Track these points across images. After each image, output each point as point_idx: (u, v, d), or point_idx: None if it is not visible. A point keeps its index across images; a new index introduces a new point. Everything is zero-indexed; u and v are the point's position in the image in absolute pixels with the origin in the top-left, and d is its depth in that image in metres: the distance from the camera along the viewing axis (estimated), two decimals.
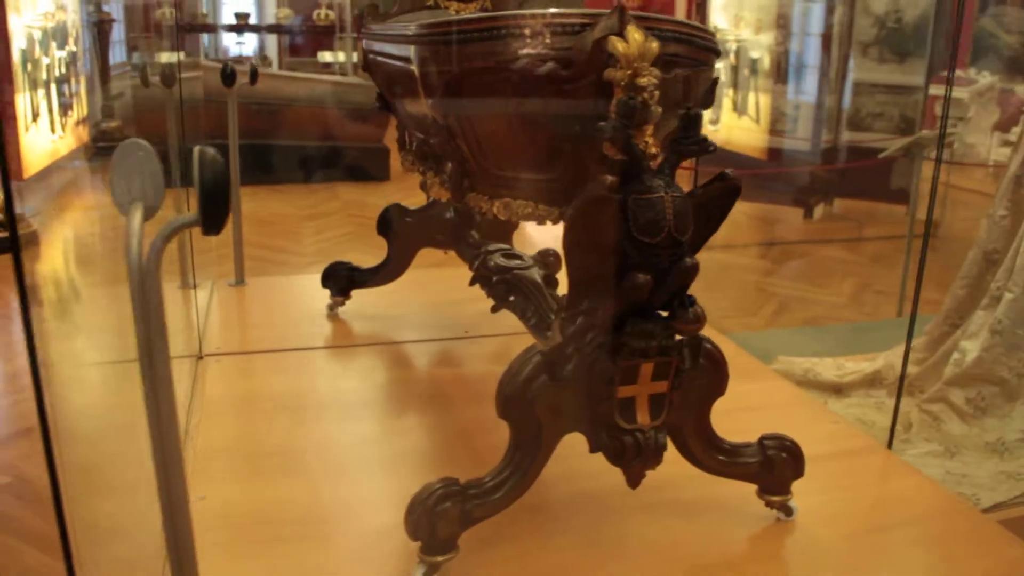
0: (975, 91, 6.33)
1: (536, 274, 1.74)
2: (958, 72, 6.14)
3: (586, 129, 1.23)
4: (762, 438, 1.42)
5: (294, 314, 2.38)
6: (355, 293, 2.33)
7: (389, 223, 2.27)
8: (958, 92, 6.14)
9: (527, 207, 1.37)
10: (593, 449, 1.29)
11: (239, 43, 8.68)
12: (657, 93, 1.15)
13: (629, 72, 1.16)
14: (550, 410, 1.26)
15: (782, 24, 5.66)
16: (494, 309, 1.76)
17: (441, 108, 1.32)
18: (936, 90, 4.83)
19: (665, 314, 1.21)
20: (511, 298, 1.72)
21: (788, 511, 1.44)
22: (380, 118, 5.52)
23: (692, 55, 1.31)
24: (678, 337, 1.23)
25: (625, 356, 1.20)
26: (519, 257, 1.84)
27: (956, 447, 2.14)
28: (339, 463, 1.63)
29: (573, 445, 1.29)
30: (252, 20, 8.97)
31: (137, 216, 0.76)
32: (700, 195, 1.20)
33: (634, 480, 1.28)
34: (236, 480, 1.55)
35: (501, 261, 1.81)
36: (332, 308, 2.35)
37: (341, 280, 2.32)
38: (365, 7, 1.92)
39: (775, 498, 1.44)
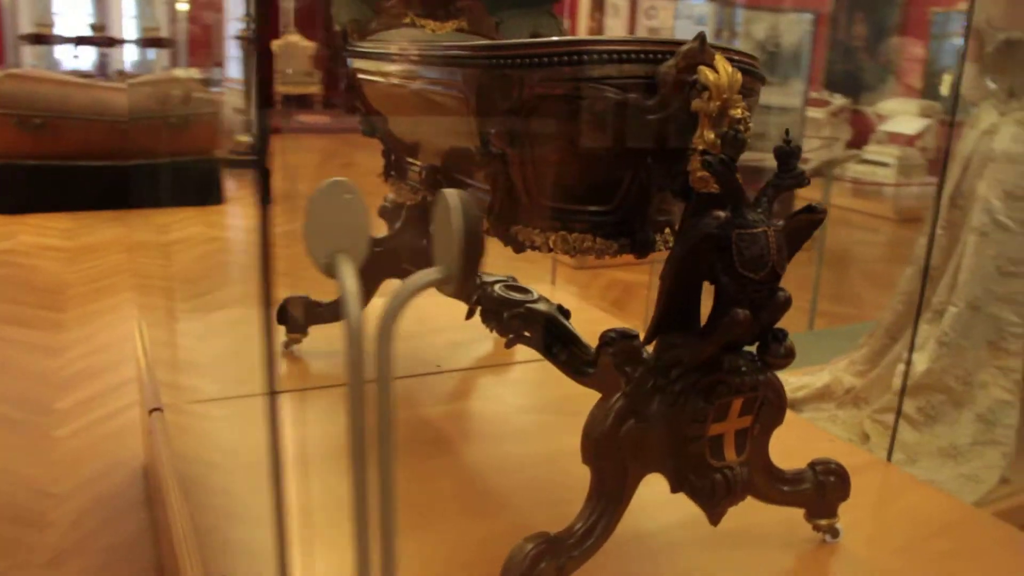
0: (829, 111, 6.88)
1: (547, 306, 1.70)
2: (813, 94, 6.64)
3: (662, 160, 1.22)
4: (812, 464, 1.46)
5: (244, 355, 2.21)
6: (313, 329, 2.20)
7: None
8: (814, 112, 6.64)
9: (585, 240, 1.33)
10: (676, 489, 1.27)
11: (75, 56, 8.04)
12: (751, 125, 1.16)
13: (718, 103, 1.16)
14: (635, 453, 1.23)
15: None
16: (508, 344, 1.70)
17: (503, 136, 1.27)
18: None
19: (752, 349, 1.22)
20: (526, 333, 1.68)
21: (835, 533, 1.48)
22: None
23: (749, 84, 1.33)
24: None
25: (721, 394, 1.19)
26: (520, 287, 1.80)
27: (914, 454, 2.28)
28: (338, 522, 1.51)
29: None
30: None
31: (349, 272, 0.67)
32: (786, 226, 1.22)
33: (717, 517, 1.28)
34: None
35: (505, 294, 1.76)
36: (288, 346, 2.20)
37: (298, 316, 2.18)
38: (347, 23, 1.82)
39: (823, 521, 1.47)
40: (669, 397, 1.22)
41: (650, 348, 1.46)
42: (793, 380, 2.76)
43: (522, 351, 2.22)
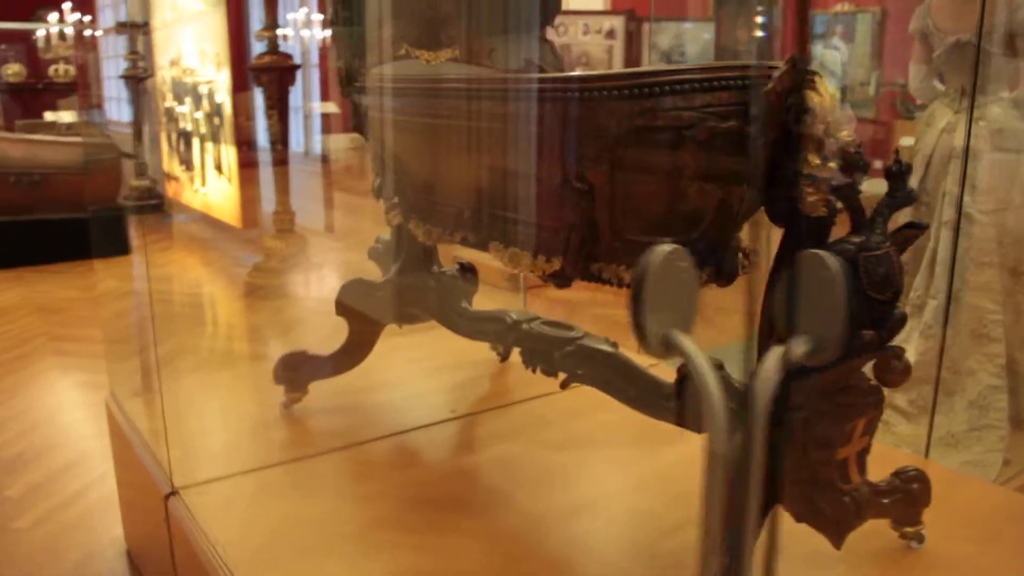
0: None
1: (598, 341, 1.66)
2: None
3: (758, 186, 1.21)
4: (895, 473, 1.47)
5: (245, 422, 2.06)
6: (313, 385, 2.08)
7: (353, 303, 2.05)
8: None
9: None
10: (801, 519, 1.26)
11: None
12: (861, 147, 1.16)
13: (824, 126, 1.16)
14: (766, 487, 1.21)
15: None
16: (564, 384, 1.65)
17: (601, 170, 1.23)
18: None
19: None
20: (579, 372, 1.63)
21: (921, 539, 1.50)
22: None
23: None
24: None
25: (850, 416, 1.19)
26: (559, 323, 1.75)
27: (917, 446, 2.37)
28: None
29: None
30: None
31: (693, 347, 0.63)
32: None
33: (841, 541, 1.27)
34: None
35: (549, 331, 1.70)
36: (287, 406, 2.07)
37: (297, 373, 2.06)
38: (350, 59, 1.73)
39: (910, 529, 1.49)
40: (795, 425, 1.20)
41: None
42: None
43: (524, 384, 2.18)
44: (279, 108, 3.99)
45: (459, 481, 1.79)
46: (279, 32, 3.91)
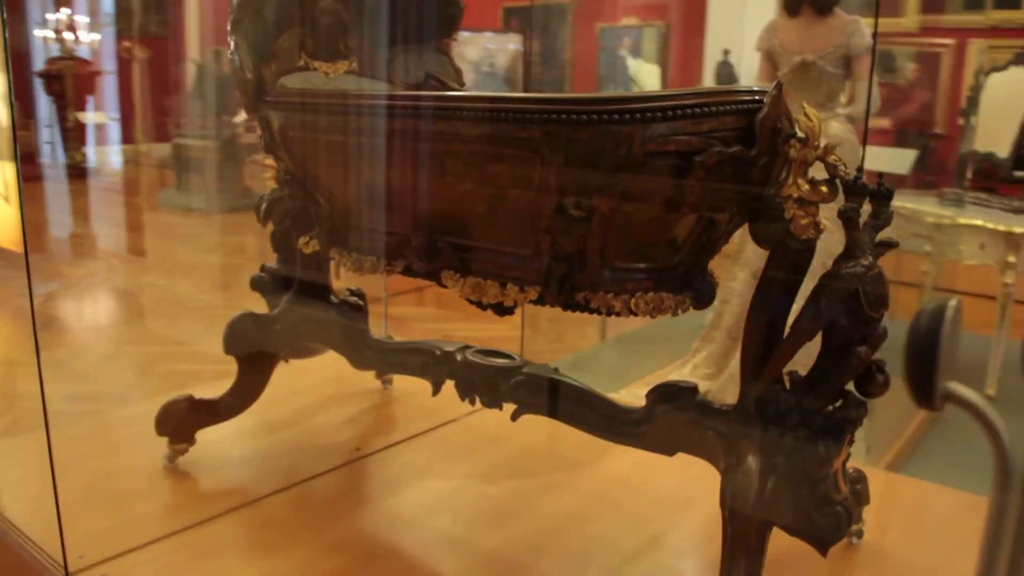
0: None
1: (543, 368, 1.63)
2: None
3: (746, 209, 1.25)
4: None
5: (120, 481, 1.81)
6: (200, 434, 1.88)
7: (245, 340, 1.88)
8: None
9: (662, 299, 1.31)
10: (795, 533, 1.30)
11: None
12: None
13: (815, 151, 1.21)
14: (773, 508, 1.24)
15: None
16: (515, 416, 1.60)
17: (603, 198, 1.20)
18: None
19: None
20: (531, 402, 1.59)
21: (860, 535, 1.62)
22: None
23: None
24: None
25: (848, 431, 1.25)
26: (492, 351, 1.70)
27: None
28: None
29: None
30: None
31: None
32: None
33: (828, 549, 1.33)
34: None
35: (486, 360, 1.65)
36: (172, 460, 1.85)
37: (182, 422, 1.85)
38: (259, 70, 1.58)
39: (853, 527, 1.60)
40: (796, 444, 1.25)
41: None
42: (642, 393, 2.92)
43: (422, 412, 2.12)
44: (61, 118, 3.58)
45: (393, 528, 1.68)
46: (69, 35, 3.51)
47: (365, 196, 1.51)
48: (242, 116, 6.95)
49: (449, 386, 1.69)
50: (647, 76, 6.42)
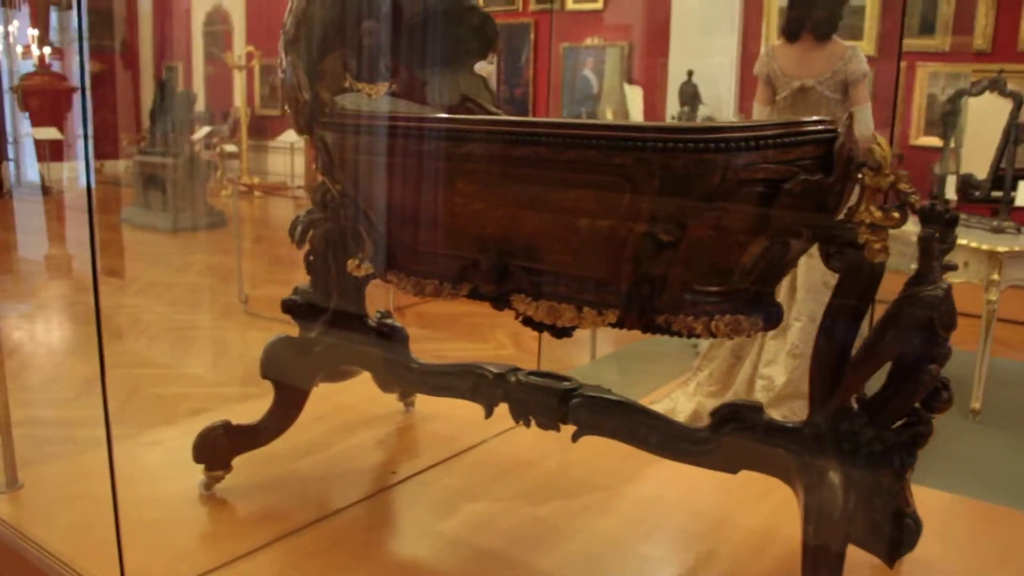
0: None
1: (599, 390, 1.68)
2: None
3: (819, 234, 1.32)
4: None
5: (156, 510, 1.80)
6: (238, 460, 1.87)
7: (283, 363, 1.88)
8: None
9: (739, 321, 1.37)
10: (870, 548, 1.37)
11: None
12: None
13: (890, 178, 1.29)
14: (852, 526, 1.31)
15: None
16: (576, 437, 1.64)
17: (697, 224, 1.25)
18: None
19: None
20: (592, 423, 1.63)
21: None
22: None
23: None
24: None
25: (920, 444, 1.32)
26: (545, 373, 1.74)
27: None
28: None
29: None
30: None
31: None
32: None
33: (894, 562, 1.40)
34: None
35: (544, 382, 1.69)
36: (208, 487, 1.84)
37: (219, 448, 1.84)
38: (317, 90, 1.60)
39: None
40: (870, 460, 1.31)
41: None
42: None
43: (452, 433, 2.14)
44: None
45: (448, 551, 1.70)
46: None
47: (429, 218, 1.54)
48: (202, 132, 6.88)
49: (469, 408, 1.74)
50: (636, 99, 6.54)
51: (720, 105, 6.88)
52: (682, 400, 2.96)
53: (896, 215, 1.28)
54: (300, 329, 1.96)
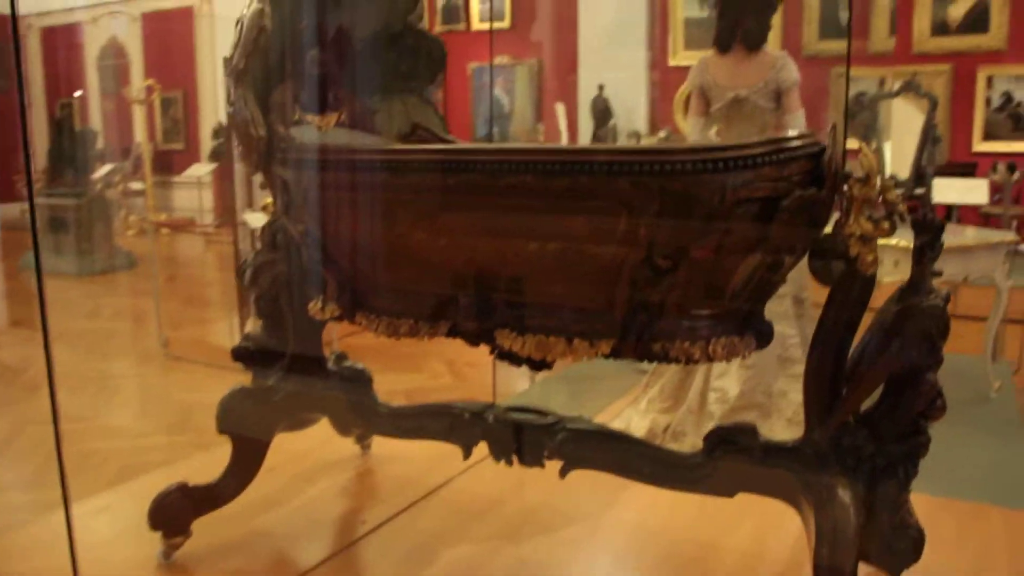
0: None
1: (582, 422, 1.62)
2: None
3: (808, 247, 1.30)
4: None
5: None
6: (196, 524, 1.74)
7: (241, 416, 1.77)
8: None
9: (734, 343, 1.34)
10: (877, 562, 1.35)
11: None
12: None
13: (877, 189, 1.28)
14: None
15: None
16: (564, 472, 1.58)
17: (698, 247, 1.22)
18: None
19: None
20: (581, 457, 1.57)
21: None
22: None
23: None
24: None
25: (922, 454, 1.31)
26: (527, 408, 1.67)
27: None
28: None
29: None
30: None
31: None
32: None
33: (900, 573, 1.39)
34: None
35: (527, 418, 1.62)
36: (167, 556, 1.70)
37: (178, 513, 1.71)
38: (271, 125, 1.51)
39: None
40: (875, 474, 1.30)
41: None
42: None
43: (413, 476, 2.07)
44: None
45: None
46: None
47: (403, 255, 1.47)
48: (103, 171, 6.56)
49: (428, 447, 1.69)
50: (563, 117, 6.54)
51: (632, 118, 6.98)
52: (635, 419, 2.94)
53: (886, 225, 1.27)
54: (253, 377, 1.85)
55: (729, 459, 1.46)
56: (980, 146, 6.00)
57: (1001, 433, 3.09)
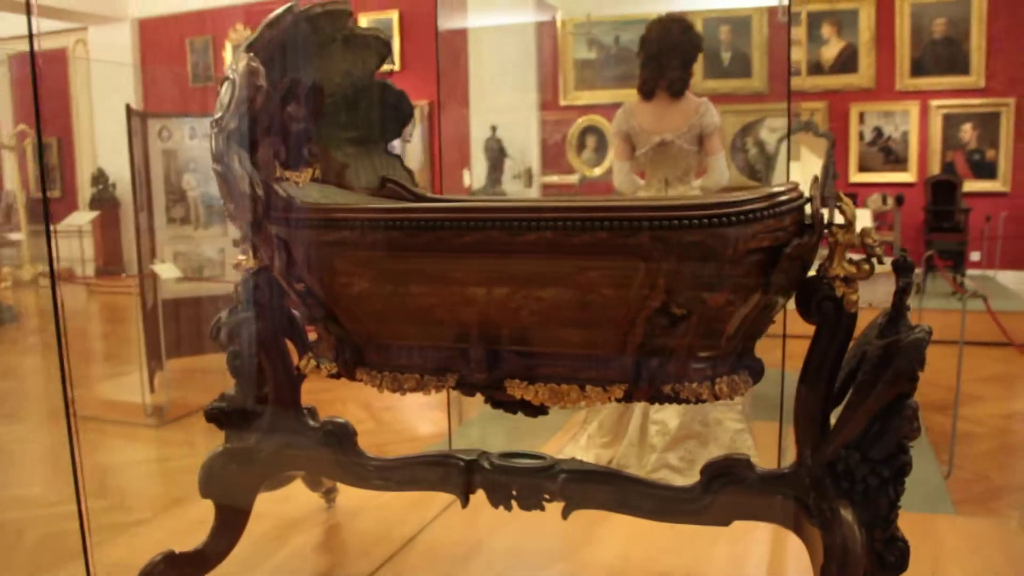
0: None
1: (578, 463, 1.68)
2: None
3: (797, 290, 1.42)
4: None
5: None
6: None
7: (225, 479, 1.73)
8: None
9: (735, 381, 1.44)
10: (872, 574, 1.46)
11: None
12: None
13: (859, 235, 1.41)
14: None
15: None
16: (566, 514, 1.63)
17: (714, 295, 1.31)
18: None
19: None
20: (582, 498, 1.63)
21: None
22: None
23: None
24: None
25: (907, 472, 1.44)
26: (511, 453, 1.72)
27: None
28: None
29: None
30: None
31: None
32: None
33: None
34: None
35: (518, 463, 1.67)
36: None
37: None
38: (267, 183, 1.51)
39: None
40: (868, 494, 1.42)
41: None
42: None
43: (384, 526, 2.08)
44: None
45: None
46: None
47: (411, 311, 1.49)
48: None
49: (392, 497, 1.69)
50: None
51: (525, 158, 7.15)
52: (578, 454, 3.01)
53: (867, 267, 1.40)
54: (228, 439, 1.82)
55: (727, 490, 1.55)
56: (856, 177, 6.48)
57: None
